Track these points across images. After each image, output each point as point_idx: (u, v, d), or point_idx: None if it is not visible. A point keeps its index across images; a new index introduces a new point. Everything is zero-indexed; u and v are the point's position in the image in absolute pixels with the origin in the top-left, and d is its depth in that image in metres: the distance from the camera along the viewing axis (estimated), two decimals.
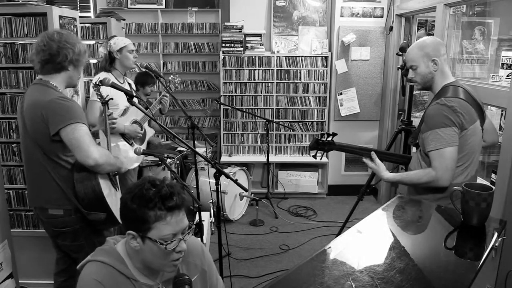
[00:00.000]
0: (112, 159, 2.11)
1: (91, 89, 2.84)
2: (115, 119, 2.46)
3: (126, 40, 3.08)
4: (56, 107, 1.96)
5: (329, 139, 2.18)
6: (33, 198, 2.18)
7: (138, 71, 4.14)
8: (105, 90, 2.41)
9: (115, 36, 3.19)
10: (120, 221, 2.12)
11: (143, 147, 3.26)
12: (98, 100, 2.39)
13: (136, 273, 1.34)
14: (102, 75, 2.98)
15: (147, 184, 1.27)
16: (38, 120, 1.97)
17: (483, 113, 2.10)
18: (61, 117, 1.95)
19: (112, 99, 2.39)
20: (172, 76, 3.57)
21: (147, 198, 1.24)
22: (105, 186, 2.11)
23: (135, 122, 3.10)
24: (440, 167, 1.91)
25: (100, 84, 2.33)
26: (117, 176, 2.35)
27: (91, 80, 3.16)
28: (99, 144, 2.58)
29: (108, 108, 2.37)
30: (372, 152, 2.15)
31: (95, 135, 2.49)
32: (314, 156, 2.22)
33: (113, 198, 2.16)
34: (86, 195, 2.04)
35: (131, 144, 3.11)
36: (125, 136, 3.06)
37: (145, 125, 3.21)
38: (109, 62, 3.06)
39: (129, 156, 3.10)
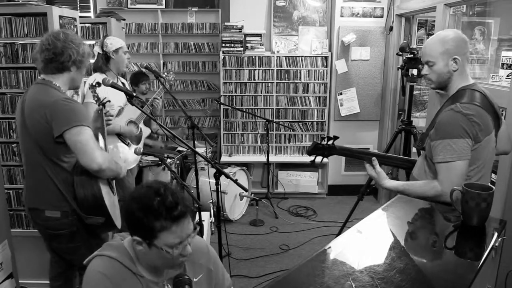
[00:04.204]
0: (113, 164, 2.08)
1: (87, 91, 2.79)
2: (112, 116, 2.42)
3: (121, 41, 3.07)
4: (61, 109, 1.94)
5: (330, 143, 2.01)
6: (30, 199, 2.14)
7: (137, 70, 4.13)
8: (102, 92, 2.37)
9: (108, 36, 3.18)
10: (117, 225, 2.12)
11: (140, 146, 3.25)
12: (94, 102, 2.35)
13: (142, 270, 1.36)
14: (97, 76, 2.94)
15: (151, 194, 1.26)
16: (42, 121, 1.94)
17: (499, 120, 1.90)
18: (66, 119, 1.93)
19: (109, 101, 2.36)
20: (165, 73, 3.55)
21: (153, 209, 1.24)
22: (105, 191, 2.09)
23: (130, 122, 3.10)
24: (447, 182, 1.74)
25: (97, 85, 2.30)
26: (114, 181, 2.32)
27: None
28: None
29: (105, 108, 2.34)
30: (374, 158, 1.97)
31: None
32: (312, 162, 2.04)
33: (111, 202, 2.14)
34: (86, 198, 2.01)
35: (127, 144, 3.11)
36: (121, 136, 3.06)
37: (141, 124, 3.21)
38: (105, 62, 3.04)
39: (127, 157, 3.09)
